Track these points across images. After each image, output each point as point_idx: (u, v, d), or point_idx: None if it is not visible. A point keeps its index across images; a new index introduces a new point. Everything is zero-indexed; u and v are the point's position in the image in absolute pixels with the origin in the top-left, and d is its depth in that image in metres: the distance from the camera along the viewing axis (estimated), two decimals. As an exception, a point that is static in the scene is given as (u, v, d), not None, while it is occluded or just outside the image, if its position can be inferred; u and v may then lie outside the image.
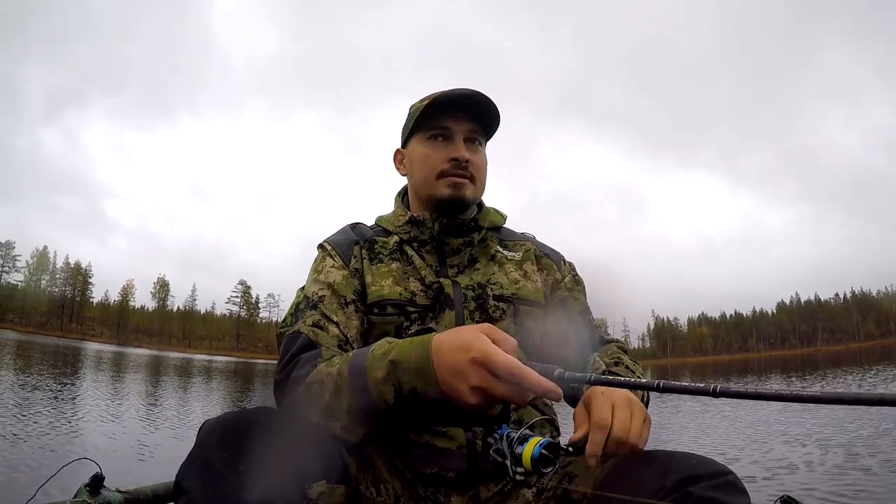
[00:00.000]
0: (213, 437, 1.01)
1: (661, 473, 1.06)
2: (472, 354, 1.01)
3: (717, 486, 1.02)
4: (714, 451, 7.55)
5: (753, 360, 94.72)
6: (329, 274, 1.47)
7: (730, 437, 9.34)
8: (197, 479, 0.97)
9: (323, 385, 1.18)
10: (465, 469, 1.31)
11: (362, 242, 1.55)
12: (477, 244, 1.57)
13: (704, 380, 0.86)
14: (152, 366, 33.74)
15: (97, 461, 1.76)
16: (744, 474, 1.13)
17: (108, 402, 13.07)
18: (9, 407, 9.98)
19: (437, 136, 1.55)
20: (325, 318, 1.38)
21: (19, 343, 45.94)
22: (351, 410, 1.13)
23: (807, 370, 35.50)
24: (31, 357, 28.25)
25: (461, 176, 1.52)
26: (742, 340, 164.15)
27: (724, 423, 11.18)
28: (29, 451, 6.57)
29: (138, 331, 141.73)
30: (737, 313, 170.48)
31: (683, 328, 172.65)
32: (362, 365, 1.14)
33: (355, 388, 1.12)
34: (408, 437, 1.33)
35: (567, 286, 1.63)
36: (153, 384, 19.90)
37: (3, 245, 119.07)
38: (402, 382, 1.08)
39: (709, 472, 1.05)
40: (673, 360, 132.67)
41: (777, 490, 5.32)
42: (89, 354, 41.80)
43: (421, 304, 1.44)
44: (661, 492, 1.03)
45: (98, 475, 1.75)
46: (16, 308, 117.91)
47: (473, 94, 1.51)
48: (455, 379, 1.03)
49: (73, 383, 16.71)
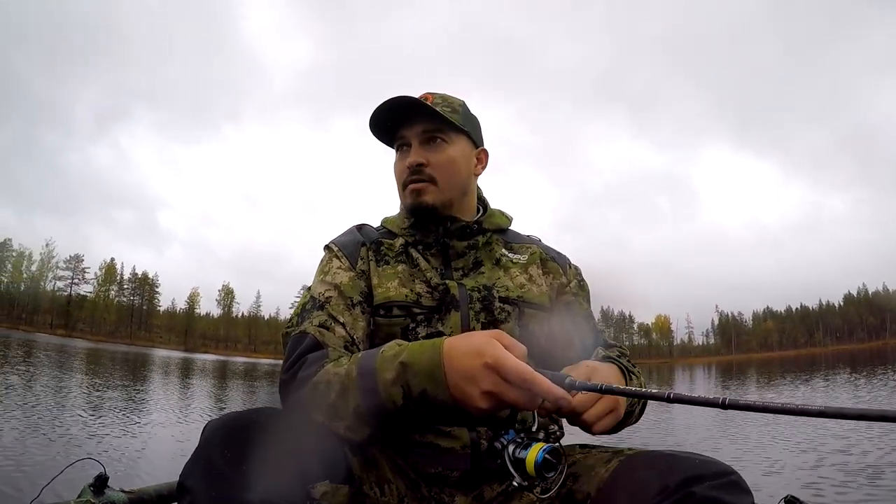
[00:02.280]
0: (216, 436, 1.03)
1: (665, 473, 1.06)
2: (485, 359, 1.02)
3: (721, 486, 1.02)
4: (717, 452, 7.42)
5: (820, 354, 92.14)
6: (336, 275, 1.47)
7: (733, 438, 9.29)
8: (200, 478, 0.99)
9: (330, 385, 1.18)
10: (469, 469, 1.32)
11: (369, 244, 1.55)
12: (481, 247, 1.56)
13: (725, 388, 0.87)
14: (218, 370, 34.49)
15: (101, 461, 1.79)
16: (747, 474, 1.12)
17: (177, 405, 13.45)
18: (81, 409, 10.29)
19: (400, 146, 1.56)
20: (331, 319, 1.38)
21: (89, 350, 47.40)
22: (358, 411, 1.13)
23: (877, 365, 34.24)
24: (101, 363, 29.14)
25: (417, 181, 1.51)
26: (808, 334, 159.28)
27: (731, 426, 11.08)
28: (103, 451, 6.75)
29: (205, 337, 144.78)
30: (802, 306, 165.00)
31: (748, 323, 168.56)
32: (372, 366, 1.14)
33: (364, 389, 1.12)
34: (412, 436, 1.33)
35: (572, 290, 1.61)
36: (219, 387, 20.36)
37: (73, 258, 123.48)
38: (412, 385, 1.08)
39: (712, 471, 1.04)
40: (738, 357, 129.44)
41: (781, 490, 5.18)
42: (157, 360, 42.95)
43: (427, 305, 1.44)
44: (664, 491, 1.03)
45: (102, 475, 1.77)
46: (86, 318, 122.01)
47: (399, 100, 1.48)
48: (466, 383, 1.03)
49: (142, 388, 17.18)
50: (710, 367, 75.99)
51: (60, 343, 56.70)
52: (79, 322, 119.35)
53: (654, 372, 54.08)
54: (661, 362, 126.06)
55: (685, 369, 64.48)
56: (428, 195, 1.51)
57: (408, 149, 1.53)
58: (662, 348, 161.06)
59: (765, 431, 9.50)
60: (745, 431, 9.85)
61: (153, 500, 1.82)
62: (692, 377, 41.05)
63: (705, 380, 36.74)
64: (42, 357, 26.28)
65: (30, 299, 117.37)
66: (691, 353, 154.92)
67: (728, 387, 27.17)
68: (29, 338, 58.11)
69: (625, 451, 1.25)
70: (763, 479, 5.85)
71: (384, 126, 1.54)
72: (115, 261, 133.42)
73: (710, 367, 71.93)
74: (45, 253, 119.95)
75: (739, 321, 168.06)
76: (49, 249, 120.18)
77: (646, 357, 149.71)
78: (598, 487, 1.17)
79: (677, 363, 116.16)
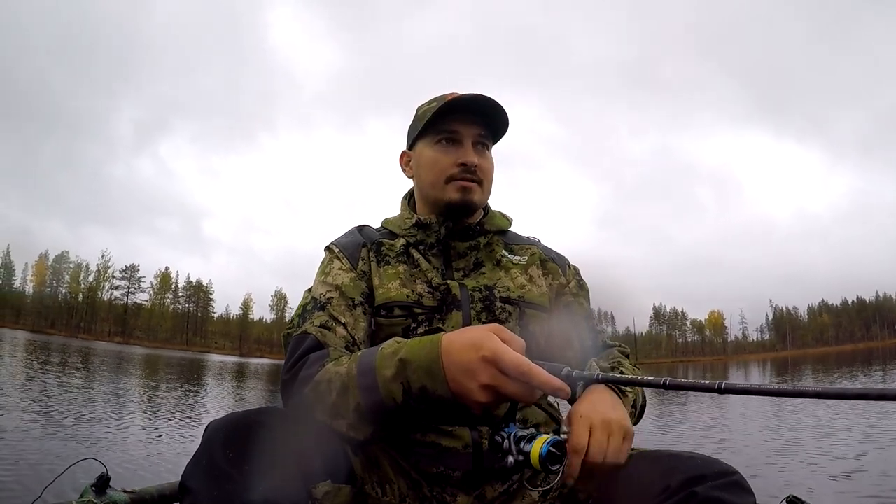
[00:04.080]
0: (218, 437, 1.04)
1: (667, 473, 1.06)
2: (483, 353, 1.01)
3: (723, 486, 1.02)
4: (719, 451, 7.28)
5: (878, 349, 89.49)
6: (337, 276, 1.48)
7: (735, 438, 9.11)
8: (202, 479, 1.00)
9: (331, 384, 1.18)
10: (471, 469, 1.31)
11: (370, 245, 1.55)
12: (482, 248, 1.57)
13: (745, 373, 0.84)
14: (272, 373, 34.87)
15: (103, 461, 1.81)
16: (749, 474, 1.11)
17: (230, 405, 13.68)
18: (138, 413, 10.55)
19: (445, 139, 1.55)
20: (332, 320, 1.39)
21: (147, 356, 48.51)
22: (359, 409, 1.13)
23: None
24: (158, 367, 29.80)
25: (469, 180, 1.52)
26: (865, 328, 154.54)
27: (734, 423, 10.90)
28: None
29: (259, 342, 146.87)
30: (859, 299, 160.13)
31: (804, 317, 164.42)
32: (371, 364, 1.14)
33: (363, 387, 1.13)
34: (413, 436, 1.33)
35: (572, 291, 1.62)
36: (271, 391, 20.63)
37: (129, 268, 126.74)
38: (412, 381, 1.08)
39: (714, 471, 1.05)
40: (793, 352, 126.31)
41: (783, 489, 5.06)
42: (212, 365, 43.69)
43: (428, 305, 1.45)
44: (666, 492, 1.04)
45: (104, 475, 1.79)
46: (142, 325, 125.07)
47: (483, 99, 1.51)
48: (465, 377, 1.03)
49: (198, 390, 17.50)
50: (765, 363, 74.24)
51: (118, 350, 58.13)
52: (136, 329, 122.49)
53: (708, 370, 53.06)
54: (714, 360, 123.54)
55: (739, 366, 63.15)
56: (475, 194, 1.54)
57: (454, 145, 1.54)
58: (716, 345, 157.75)
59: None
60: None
61: (155, 500, 1.83)
62: (746, 374, 40.16)
63: (760, 377, 35.88)
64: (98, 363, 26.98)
65: (87, 309, 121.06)
66: (745, 350, 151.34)
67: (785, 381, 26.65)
68: (88, 345, 59.68)
69: None
70: (766, 479, 5.76)
71: (440, 116, 1.53)
72: (169, 269, 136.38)
73: (764, 364, 70.19)
74: (101, 264, 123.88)
75: (794, 315, 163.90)
76: (105, 260, 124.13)
77: (699, 355, 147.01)
78: (600, 487, 1.17)
79: (731, 360, 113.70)
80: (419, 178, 1.62)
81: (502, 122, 1.57)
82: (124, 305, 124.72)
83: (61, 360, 25.13)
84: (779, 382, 25.39)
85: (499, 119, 1.56)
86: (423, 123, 1.56)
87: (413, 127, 1.63)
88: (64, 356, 28.53)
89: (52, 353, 30.57)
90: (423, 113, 1.58)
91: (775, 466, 6.45)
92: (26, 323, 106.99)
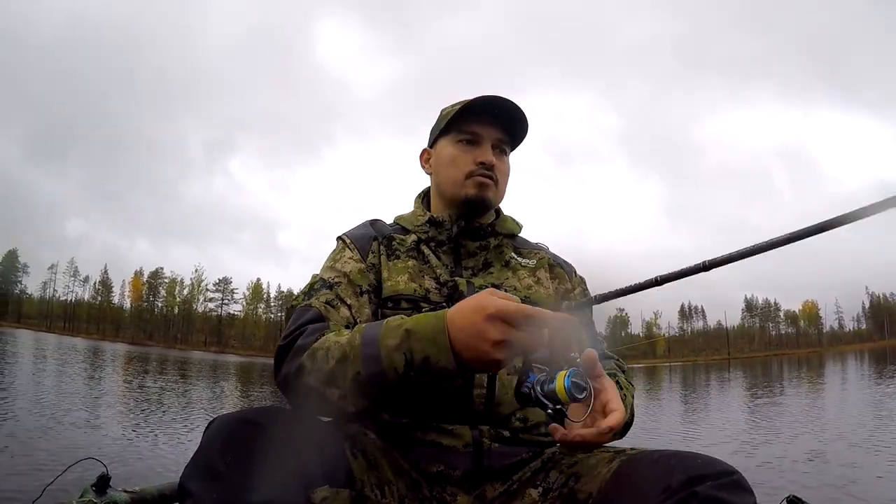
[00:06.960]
0: (217, 438, 1.03)
1: (667, 473, 1.05)
2: (488, 311, 1.04)
3: (723, 486, 1.01)
4: (720, 451, 7.14)
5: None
6: (346, 264, 1.50)
7: (737, 438, 9.06)
8: (201, 481, 0.99)
9: (329, 352, 1.19)
10: (472, 468, 1.32)
11: (381, 238, 1.58)
12: (492, 249, 1.61)
13: None
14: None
15: (103, 461, 1.85)
16: (750, 474, 1.23)
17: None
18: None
19: (466, 140, 1.60)
20: (338, 300, 1.41)
21: (240, 364, 50.04)
22: (357, 378, 1.14)
23: None
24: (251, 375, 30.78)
25: (486, 177, 1.57)
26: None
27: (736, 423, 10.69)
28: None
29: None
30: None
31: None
32: (376, 334, 1.15)
33: (366, 356, 1.13)
34: (414, 435, 1.34)
35: (576, 298, 1.63)
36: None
37: (222, 281, 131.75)
38: (415, 350, 1.09)
39: (714, 471, 1.03)
40: (893, 342, 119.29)
41: (783, 489, 5.00)
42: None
43: (435, 300, 1.47)
44: (666, 491, 1.02)
45: (104, 475, 1.82)
46: (236, 335, 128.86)
47: (504, 102, 1.55)
48: (477, 340, 1.05)
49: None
50: (862, 354, 70.70)
51: (214, 359, 60.14)
52: (230, 339, 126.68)
53: (804, 364, 50.83)
54: (810, 352, 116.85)
55: (836, 359, 60.10)
56: (490, 191, 1.59)
57: (473, 146, 1.59)
58: (811, 336, 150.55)
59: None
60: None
61: (155, 500, 1.85)
62: (844, 369, 38.09)
63: (858, 372, 33.90)
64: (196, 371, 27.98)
65: (183, 320, 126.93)
66: (841, 341, 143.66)
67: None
68: (185, 356, 62.05)
69: (627, 450, 1.25)
70: (767, 478, 5.74)
71: (462, 117, 1.58)
72: (260, 280, 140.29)
73: (861, 355, 66.76)
74: (195, 277, 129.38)
75: (893, 302, 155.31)
76: (199, 274, 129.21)
77: (794, 347, 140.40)
78: (601, 487, 1.16)
79: (828, 352, 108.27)
80: (437, 174, 1.66)
81: (522, 128, 1.62)
82: (218, 316, 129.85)
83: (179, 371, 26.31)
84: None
85: (518, 125, 1.61)
86: (444, 123, 1.62)
87: (435, 126, 1.68)
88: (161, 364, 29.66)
89: (154, 363, 32.07)
90: (446, 114, 1.63)
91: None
92: (125, 335, 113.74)
